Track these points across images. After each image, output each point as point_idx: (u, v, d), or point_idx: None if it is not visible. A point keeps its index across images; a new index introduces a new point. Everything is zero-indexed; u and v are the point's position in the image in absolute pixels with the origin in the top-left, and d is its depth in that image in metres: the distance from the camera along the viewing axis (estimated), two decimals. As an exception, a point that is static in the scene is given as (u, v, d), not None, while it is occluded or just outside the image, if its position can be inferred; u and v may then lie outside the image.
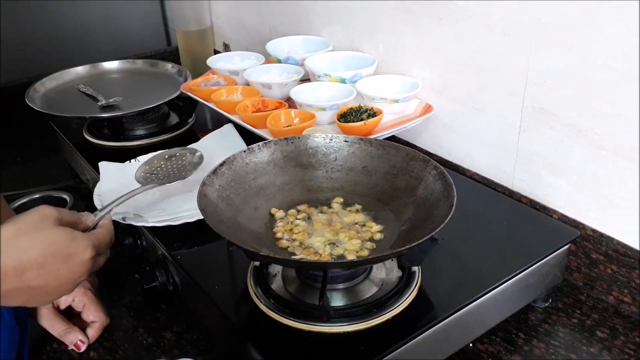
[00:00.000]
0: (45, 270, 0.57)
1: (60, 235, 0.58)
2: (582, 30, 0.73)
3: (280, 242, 0.68)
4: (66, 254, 0.58)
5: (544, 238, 0.76)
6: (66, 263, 0.58)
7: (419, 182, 0.70)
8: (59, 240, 0.58)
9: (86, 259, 0.60)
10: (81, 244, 0.60)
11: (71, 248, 0.59)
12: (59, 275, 0.58)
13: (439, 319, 0.63)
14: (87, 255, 0.60)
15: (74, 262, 0.59)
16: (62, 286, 0.60)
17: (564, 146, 0.80)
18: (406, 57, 1.01)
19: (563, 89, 0.78)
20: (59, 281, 0.58)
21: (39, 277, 0.56)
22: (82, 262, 0.60)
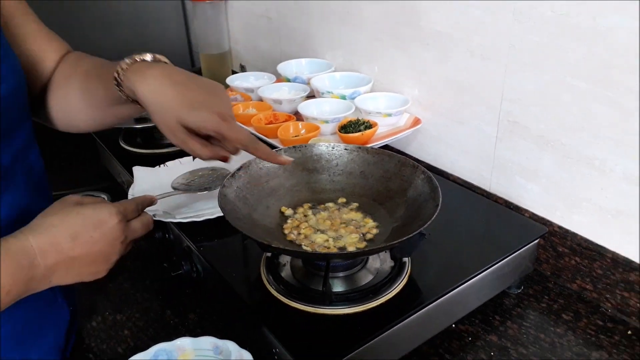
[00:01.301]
0: (80, 241, 0.53)
1: (84, 208, 0.55)
2: (550, 55, 0.73)
3: (289, 236, 0.68)
4: (94, 221, 0.54)
5: (517, 233, 0.75)
6: (97, 229, 0.54)
7: (409, 185, 0.70)
8: (83, 211, 0.54)
9: (114, 223, 0.56)
10: (105, 211, 0.55)
11: (96, 215, 0.55)
12: (94, 241, 0.54)
13: (426, 303, 0.63)
14: (114, 220, 0.56)
15: (105, 227, 0.55)
16: (104, 252, 0.55)
17: (535, 154, 0.80)
18: (398, 77, 1.01)
19: (534, 105, 0.78)
20: (98, 247, 0.54)
21: (76, 247, 0.53)
22: (112, 226, 0.55)
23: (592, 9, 0.67)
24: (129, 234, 0.58)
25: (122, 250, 0.58)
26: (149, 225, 0.62)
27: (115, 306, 0.77)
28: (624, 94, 0.67)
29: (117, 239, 0.56)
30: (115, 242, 0.56)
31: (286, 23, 1.28)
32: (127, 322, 0.74)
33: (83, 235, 0.53)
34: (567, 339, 0.70)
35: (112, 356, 0.69)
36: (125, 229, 0.57)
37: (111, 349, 0.70)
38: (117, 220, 0.56)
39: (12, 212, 0.58)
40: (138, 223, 0.60)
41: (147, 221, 0.61)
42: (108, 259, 0.56)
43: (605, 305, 0.75)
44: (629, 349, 0.68)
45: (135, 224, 0.60)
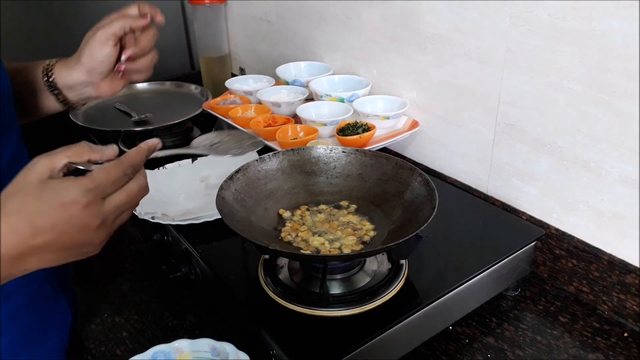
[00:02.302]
0: (40, 229, 0.44)
1: (45, 189, 0.45)
2: (547, 58, 0.73)
3: (287, 238, 0.68)
4: (55, 206, 0.44)
5: (514, 236, 0.76)
6: (60, 216, 0.44)
7: (407, 188, 0.70)
8: (42, 194, 0.45)
9: (79, 207, 0.44)
10: (69, 191, 0.45)
11: (57, 198, 0.44)
12: (60, 230, 0.44)
13: (423, 305, 0.63)
14: (80, 202, 0.44)
15: (68, 213, 0.44)
16: (77, 240, 0.45)
17: (531, 157, 0.80)
18: (396, 80, 1.01)
19: (530, 108, 0.78)
20: (66, 236, 0.45)
21: (38, 236, 0.44)
22: (78, 212, 0.44)
23: (588, 13, 0.67)
24: (108, 214, 0.47)
25: (105, 233, 0.47)
26: (140, 191, 0.49)
27: (113, 308, 0.77)
28: (620, 97, 0.67)
29: (88, 226, 0.45)
30: (87, 229, 0.45)
31: (285, 26, 1.28)
32: (126, 324, 0.74)
33: (43, 223, 0.44)
34: (563, 341, 0.70)
35: (111, 358, 0.69)
36: (100, 209, 0.46)
37: (110, 350, 0.70)
38: (84, 203, 0.45)
39: None
40: (122, 195, 0.47)
41: (136, 188, 0.48)
42: (88, 242, 0.47)
43: (602, 307, 0.75)
44: (626, 351, 0.68)
45: (118, 197, 0.47)
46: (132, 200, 0.48)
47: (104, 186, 0.46)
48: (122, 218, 0.49)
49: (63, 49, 0.72)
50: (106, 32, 0.66)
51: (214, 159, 0.98)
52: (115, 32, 0.66)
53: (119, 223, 0.49)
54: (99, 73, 0.67)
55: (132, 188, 0.48)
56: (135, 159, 0.49)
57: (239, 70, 1.54)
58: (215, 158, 0.98)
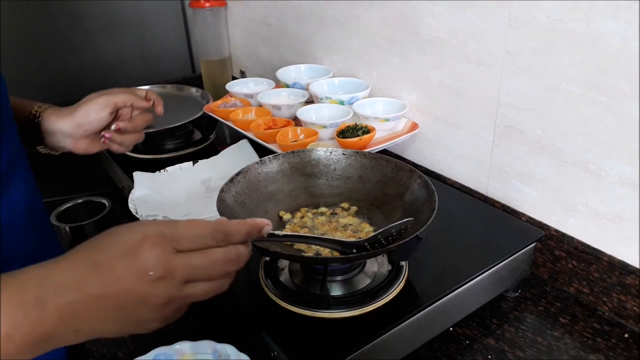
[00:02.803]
0: (101, 271, 0.39)
1: (121, 226, 0.41)
2: (545, 60, 0.73)
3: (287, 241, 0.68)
4: (122, 244, 0.40)
5: (514, 237, 0.76)
6: (124, 256, 0.39)
7: (406, 189, 0.70)
8: (115, 230, 0.41)
9: (150, 242, 0.39)
10: (139, 229, 0.40)
11: (126, 235, 0.40)
12: (117, 275, 0.39)
13: (423, 306, 0.63)
14: (151, 238, 0.39)
15: (132, 253, 0.39)
16: (133, 294, 0.39)
17: (531, 158, 0.80)
18: (396, 82, 1.01)
19: (529, 110, 0.78)
20: (122, 283, 0.39)
21: (97, 280, 0.38)
22: (142, 252, 0.39)
23: (586, 15, 0.67)
24: (177, 270, 0.39)
25: (168, 295, 0.39)
26: (225, 262, 0.42)
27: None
28: (618, 99, 0.67)
29: (147, 272, 0.39)
30: (146, 276, 0.39)
31: (285, 29, 1.29)
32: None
33: (105, 264, 0.39)
34: (564, 342, 0.70)
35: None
36: (168, 259, 0.39)
37: (111, 353, 0.70)
38: (152, 242, 0.39)
39: (13, 214, 0.57)
40: (200, 256, 0.41)
41: (220, 256, 0.41)
42: (145, 300, 0.39)
43: (602, 308, 0.75)
44: (626, 352, 0.68)
45: (195, 256, 0.40)
46: (210, 269, 0.41)
47: (181, 235, 0.40)
48: (195, 290, 0.41)
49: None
50: (109, 99, 0.70)
51: (214, 161, 0.99)
52: (118, 102, 0.71)
53: (190, 295, 0.41)
54: (84, 130, 0.70)
55: (214, 254, 0.41)
56: (232, 228, 0.43)
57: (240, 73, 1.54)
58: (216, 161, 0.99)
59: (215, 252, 0.42)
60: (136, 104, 0.72)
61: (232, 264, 0.43)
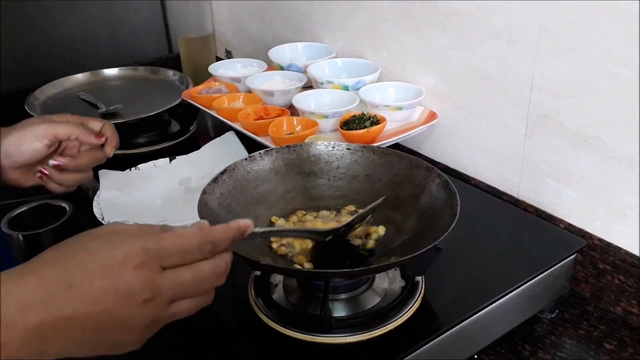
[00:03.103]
0: (76, 292, 0.40)
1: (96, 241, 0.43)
2: (587, 37, 0.73)
3: (280, 250, 0.68)
4: (101, 263, 0.41)
5: (550, 248, 0.75)
6: (102, 277, 0.41)
7: (423, 191, 0.70)
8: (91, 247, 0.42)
9: (129, 268, 0.41)
10: (122, 246, 0.42)
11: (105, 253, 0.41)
12: (96, 296, 0.40)
13: (442, 329, 0.63)
14: (131, 262, 0.41)
15: (113, 274, 0.41)
16: (115, 316, 0.41)
17: (570, 154, 0.80)
18: (409, 64, 1.01)
19: (568, 96, 0.78)
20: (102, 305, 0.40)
21: (71, 302, 0.40)
22: (126, 274, 0.41)
23: (636, -16, 0.67)
24: (163, 290, 0.42)
25: (152, 316, 0.42)
26: (213, 276, 0.45)
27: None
28: (675, 83, 0.67)
29: (132, 296, 0.41)
30: (131, 300, 0.41)
31: (279, 2, 1.28)
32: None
33: (81, 284, 0.40)
34: (609, 372, 0.70)
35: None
36: (154, 278, 0.41)
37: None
38: (136, 263, 0.41)
39: None
40: (187, 272, 0.43)
41: (208, 270, 0.44)
42: (127, 324, 0.41)
43: (655, 331, 0.75)
44: (683, 384, 0.68)
45: (182, 272, 0.43)
46: (198, 285, 0.44)
47: (167, 251, 0.43)
48: (180, 308, 0.44)
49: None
50: (49, 129, 0.70)
51: (195, 158, 0.99)
52: (58, 134, 0.70)
53: (174, 314, 0.44)
54: (12, 161, 0.69)
55: (202, 268, 0.44)
56: (219, 236, 0.45)
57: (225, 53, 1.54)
58: (197, 157, 0.99)
59: (203, 266, 0.44)
60: (83, 139, 0.72)
61: (220, 276, 0.46)
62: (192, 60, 1.41)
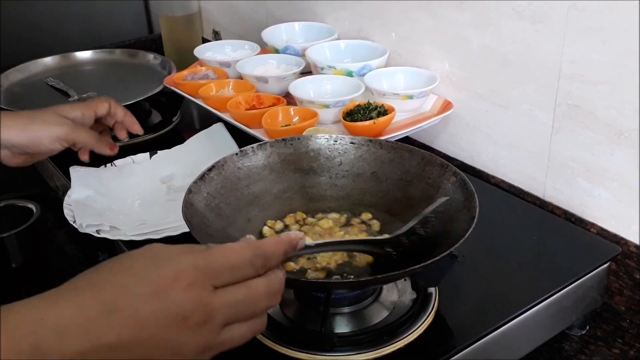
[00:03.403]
0: (118, 317, 0.41)
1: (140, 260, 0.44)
2: (622, 17, 0.73)
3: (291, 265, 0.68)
4: (148, 284, 0.42)
5: (580, 255, 0.76)
6: (150, 299, 0.41)
7: (437, 191, 0.70)
8: (135, 265, 0.43)
9: (186, 282, 0.42)
10: (171, 265, 0.43)
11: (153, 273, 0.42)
12: (141, 320, 0.41)
13: (458, 348, 0.63)
14: (186, 277, 0.42)
15: (163, 296, 0.42)
16: (162, 342, 0.41)
17: (603, 149, 0.80)
18: (422, 47, 1.01)
19: (601, 83, 0.78)
20: (148, 331, 0.41)
21: (112, 328, 0.40)
22: (182, 290, 0.42)
23: (679, -43, 0.67)
24: (216, 311, 0.43)
25: (204, 342, 0.43)
26: (268, 295, 0.46)
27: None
28: None
29: (185, 318, 0.41)
30: (182, 324, 0.41)
31: (274, -25, 1.28)
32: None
33: (125, 308, 0.41)
34: (647, 396, 0.70)
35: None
36: (206, 299, 0.42)
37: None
38: (187, 282, 0.42)
39: None
40: (241, 291, 0.44)
41: (263, 288, 0.45)
42: (176, 354, 0.42)
43: (698, 350, 0.75)
44: None
45: (235, 291, 0.44)
46: (253, 305, 0.45)
47: (218, 268, 0.44)
48: (232, 334, 0.44)
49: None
50: (70, 134, 0.83)
51: (178, 153, 0.99)
52: (77, 142, 0.85)
53: (227, 341, 0.44)
54: (25, 150, 0.84)
55: (257, 287, 0.45)
56: (270, 250, 0.47)
57: (213, 34, 1.54)
58: (181, 152, 0.99)
59: (257, 283, 0.45)
60: (98, 150, 0.88)
61: (275, 296, 0.46)
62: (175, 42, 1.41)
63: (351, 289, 0.66)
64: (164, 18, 1.42)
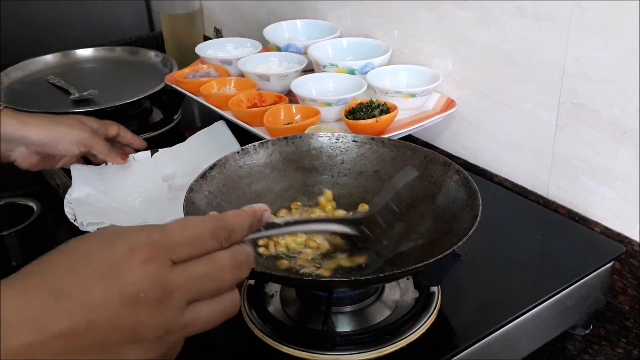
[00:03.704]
0: (67, 302, 0.38)
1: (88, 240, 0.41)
2: (627, 15, 0.73)
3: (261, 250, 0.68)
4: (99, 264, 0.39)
5: (584, 254, 0.75)
6: (102, 279, 0.38)
7: (439, 189, 0.70)
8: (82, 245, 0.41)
9: (141, 256, 0.39)
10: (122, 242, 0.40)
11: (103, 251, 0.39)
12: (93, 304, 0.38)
13: (461, 347, 0.63)
14: (141, 250, 0.39)
15: (116, 275, 0.39)
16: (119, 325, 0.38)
17: (607, 148, 0.80)
18: (425, 44, 1.01)
19: (606, 82, 0.78)
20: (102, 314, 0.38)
21: (62, 314, 0.38)
22: (138, 264, 0.39)
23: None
24: (175, 287, 0.40)
25: (165, 321, 0.40)
26: (233, 268, 0.43)
27: None
28: None
29: (140, 297, 0.38)
30: (139, 302, 0.38)
31: (276, -27, 1.28)
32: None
33: (73, 292, 0.38)
34: (651, 396, 0.70)
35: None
36: (163, 274, 0.40)
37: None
38: (140, 259, 0.39)
39: None
40: (201, 264, 0.42)
41: (226, 262, 0.42)
42: (137, 330, 0.39)
43: (703, 350, 0.75)
44: None
45: (195, 266, 0.41)
46: (216, 279, 0.42)
47: (177, 243, 0.41)
48: (198, 314, 0.41)
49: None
50: (89, 141, 0.90)
51: (179, 151, 0.99)
52: (94, 149, 0.91)
53: (191, 322, 0.41)
54: (42, 150, 0.88)
55: (220, 259, 0.42)
56: (233, 221, 0.44)
57: (214, 31, 1.54)
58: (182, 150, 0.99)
59: (221, 256, 0.42)
60: (110, 160, 0.94)
61: (242, 268, 0.43)
62: (176, 40, 1.41)
63: (353, 287, 0.66)
64: (166, 16, 1.42)
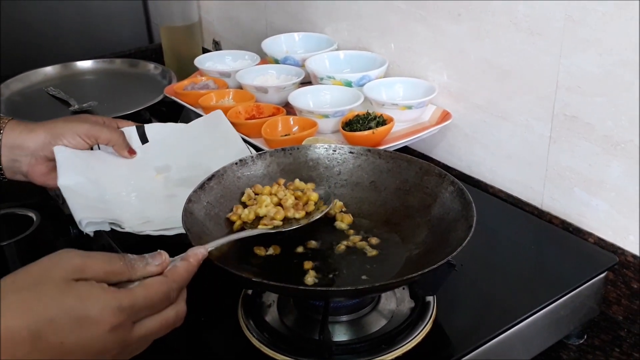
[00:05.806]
0: (43, 344, 0.45)
1: (69, 289, 0.47)
2: (618, 29, 0.74)
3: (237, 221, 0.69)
4: (74, 319, 0.46)
5: (578, 265, 0.76)
6: (74, 331, 0.46)
7: (434, 200, 0.70)
8: (64, 296, 0.46)
9: (111, 325, 0.47)
10: (99, 304, 0.47)
11: (81, 309, 0.46)
12: (64, 351, 0.46)
13: (456, 356, 0.63)
14: (112, 320, 0.47)
15: (87, 332, 0.46)
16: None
17: (600, 160, 0.80)
18: (420, 57, 1.02)
19: (598, 95, 0.78)
20: (78, 356, 0.46)
21: (39, 352, 0.45)
22: (100, 334, 0.47)
23: (674, -30, 0.68)
24: (132, 342, 0.50)
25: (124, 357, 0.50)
26: (176, 321, 0.53)
27: None
28: None
29: (105, 353, 0.48)
30: (103, 355, 0.48)
31: (274, -14, 1.29)
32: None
33: (50, 338, 0.45)
34: (644, 405, 0.70)
35: None
36: (126, 336, 0.49)
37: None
38: (112, 325, 0.47)
39: None
40: (155, 323, 0.51)
41: (172, 317, 0.52)
42: None
43: (695, 360, 0.75)
44: None
45: (150, 324, 0.51)
46: (162, 332, 0.52)
47: (140, 308, 0.49)
48: (140, 348, 0.51)
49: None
50: (91, 130, 0.84)
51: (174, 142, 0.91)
52: (100, 137, 0.85)
53: (134, 353, 0.51)
54: (50, 151, 0.82)
55: (168, 317, 0.52)
56: (185, 280, 0.54)
57: (213, 44, 1.54)
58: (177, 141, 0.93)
59: (169, 314, 0.52)
60: (117, 150, 0.87)
61: (181, 319, 0.54)
62: (175, 52, 1.42)
63: (349, 297, 0.66)
64: (165, 28, 1.42)
